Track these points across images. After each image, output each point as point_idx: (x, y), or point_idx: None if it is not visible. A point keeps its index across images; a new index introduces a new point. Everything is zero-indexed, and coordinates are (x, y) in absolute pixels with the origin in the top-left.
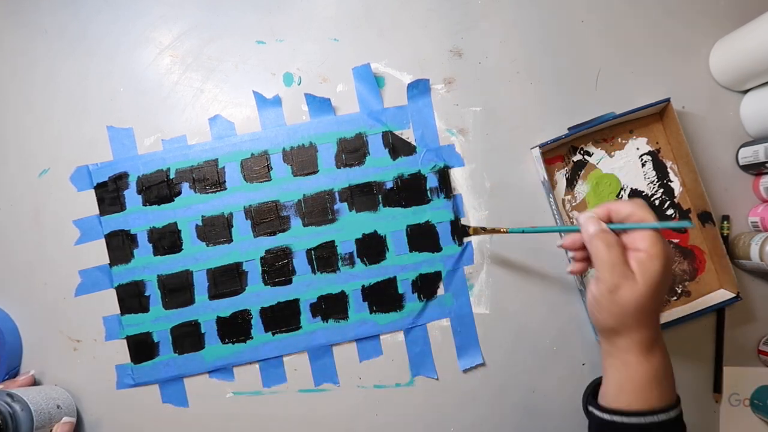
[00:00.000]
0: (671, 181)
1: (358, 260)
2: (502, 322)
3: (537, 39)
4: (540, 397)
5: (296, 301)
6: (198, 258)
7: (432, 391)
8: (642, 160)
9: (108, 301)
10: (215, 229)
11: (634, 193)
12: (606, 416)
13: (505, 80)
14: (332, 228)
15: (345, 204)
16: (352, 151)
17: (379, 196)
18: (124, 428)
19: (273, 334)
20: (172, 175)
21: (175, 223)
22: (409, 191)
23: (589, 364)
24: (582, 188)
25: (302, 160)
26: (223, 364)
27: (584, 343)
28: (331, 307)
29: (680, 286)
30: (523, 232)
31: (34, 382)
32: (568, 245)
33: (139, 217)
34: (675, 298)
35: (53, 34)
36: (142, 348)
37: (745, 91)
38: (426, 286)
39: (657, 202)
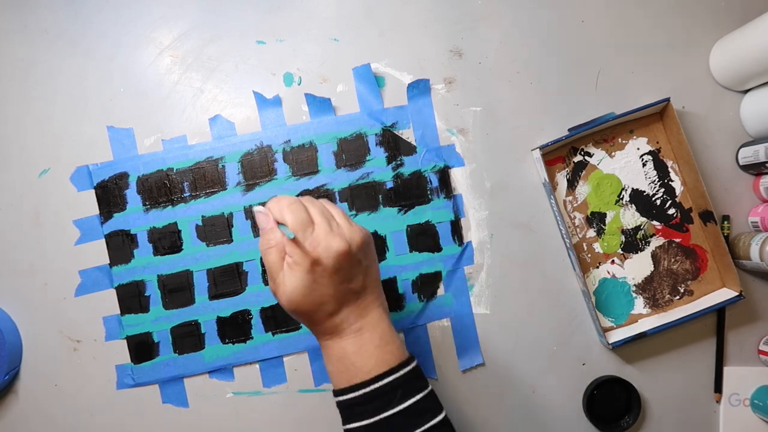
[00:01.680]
0: (672, 181)
1: None
2: (502, 322)
3: (537, 39)
4: (540, 397)
5: None
6: (198, 258)
7: None
8: (642, 160)
9: (108, 301)
10: (215, 229)
11: (636, 193)
12: (352, 395)
13: (505, 80)
14: None
15: (345, 204)
16: (352, 151)
17: (379, 196)
18: (124, 428)
19: (273, 334)
20: (172, 175)
21: (175, 223)
22: (410, 191)
23: (589, 364)
24: (583, 189)
25: (302, 160)
26: (223, 364)
27: (584, 343)
28: None
29: (683, 286)
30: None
31: None
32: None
33: (139, 217)
34: (678, 297)
35: (53, 34)
36: (142, 348)
37: (745, 91)
38: (426, 286)
39: (658, 202)
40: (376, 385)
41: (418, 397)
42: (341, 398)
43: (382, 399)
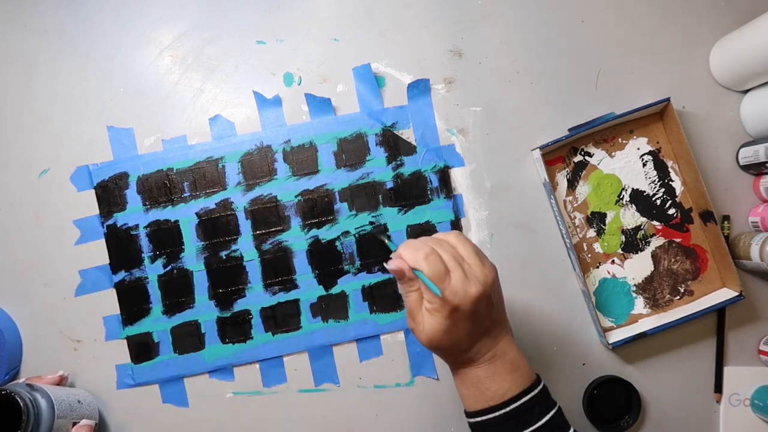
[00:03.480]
0: (672, 181)
1: (358, 260)
2: None
3: (537, 39)
4: None
5: (296, 301)
6: (198, 258)
7: (432, 391)
8: (643, 160)
9: (108, 301)
10: (215, 229)
11: (636, 193)
12: (490, 416)
13: (505, 80)
14: (332, 228)
15: (345, 204)
16: (352, 151)
17: (379, 196)
18: (124, 428)
19: (273, 334)
20: (172, 175)
21: (176, 223)
22: (410, 191)
23: (589, 364)
24: (583, 189)
25: (302, 160)
26: (223, 364)
27: (584, 343)
28: (332, 307)
29: (683, 286)
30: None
31: (61, 383)
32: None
33: (139, 216)
34: (678, 297)
35: (53, 34)
36: (142, 348)
37: (746, 91)
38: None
39: (658, 202)
40: (515, 405)
41: (552, 413)
42: (478, 419)
43: (521, 418)
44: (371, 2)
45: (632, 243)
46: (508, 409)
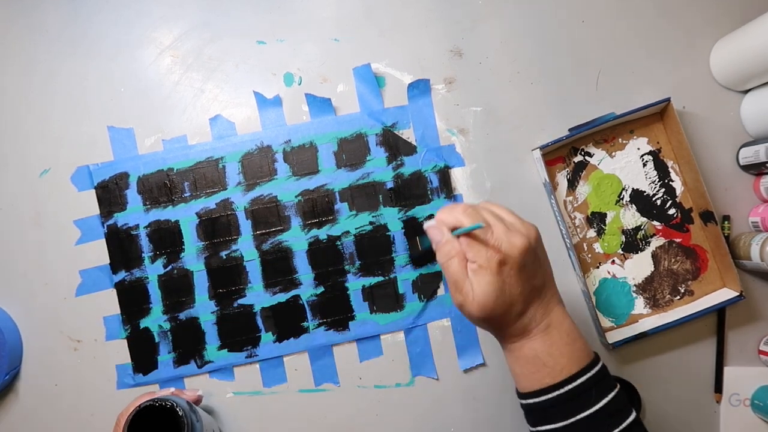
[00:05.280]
0: (672, 181)
1: (358, 260)
2: None
3: (537, 39)
4: None
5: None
6: (198, 258)
7: (432, 391)
8: (643, 160)
9: (108, 301)
10: (216, 229)
11: (636, 193)
12: (546, 396)
13: (505, 80)
14: (332, 228)
15: (345, 204)
16: (353, 151)
17: (380, 196)
18: None
19: (273, 334)
20: (172, 175)
21: (176, 223)
22: (410, 191)
23: None
24: (583, 189)
25: (303, 160)
26: (223, 364)
27: None
28: (332, 307)
29: (683, 286)
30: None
31: (197, 402)
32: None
33: (139, 216)
34: (678, 297)
35: (53, 34)
36: (142, 348)
37: (746, 91)
38: (426, 286)
39: (659, 202)
40: (572, 385)
41: (611, 395)
42: (533, 400)
43: (579, 399)
44: (371, 2)
45: (632, 243)
46: (564, 389)
